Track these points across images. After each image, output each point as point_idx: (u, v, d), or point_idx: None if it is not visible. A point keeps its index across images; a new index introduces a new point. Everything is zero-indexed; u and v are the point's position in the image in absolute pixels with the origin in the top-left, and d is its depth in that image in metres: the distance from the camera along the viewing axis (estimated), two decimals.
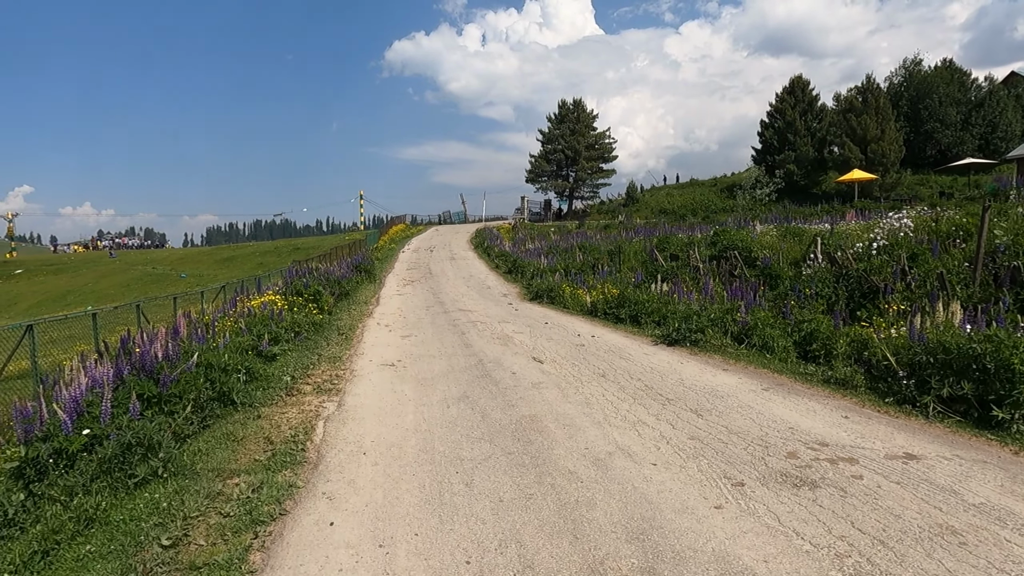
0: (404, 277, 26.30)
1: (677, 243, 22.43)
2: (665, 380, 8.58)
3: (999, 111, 47.74)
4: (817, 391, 7.97)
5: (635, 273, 19.17)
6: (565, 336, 12.24)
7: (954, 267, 11.48)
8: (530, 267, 24.22)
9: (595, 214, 53.90)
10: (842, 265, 13.27)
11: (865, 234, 14.92)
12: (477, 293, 20.62)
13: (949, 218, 12.88)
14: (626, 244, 26.33)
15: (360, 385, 8.80)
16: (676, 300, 13.71)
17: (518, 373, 9.18)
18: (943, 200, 32.26)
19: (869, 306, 11.79)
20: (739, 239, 18.05)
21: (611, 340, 11.69)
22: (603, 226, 42.30)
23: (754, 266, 16.71)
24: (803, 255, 16.01)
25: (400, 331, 13.35)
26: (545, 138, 56.76)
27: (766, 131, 51.76)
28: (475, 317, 15.13)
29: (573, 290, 17.56)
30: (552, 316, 15.19)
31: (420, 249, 39.54)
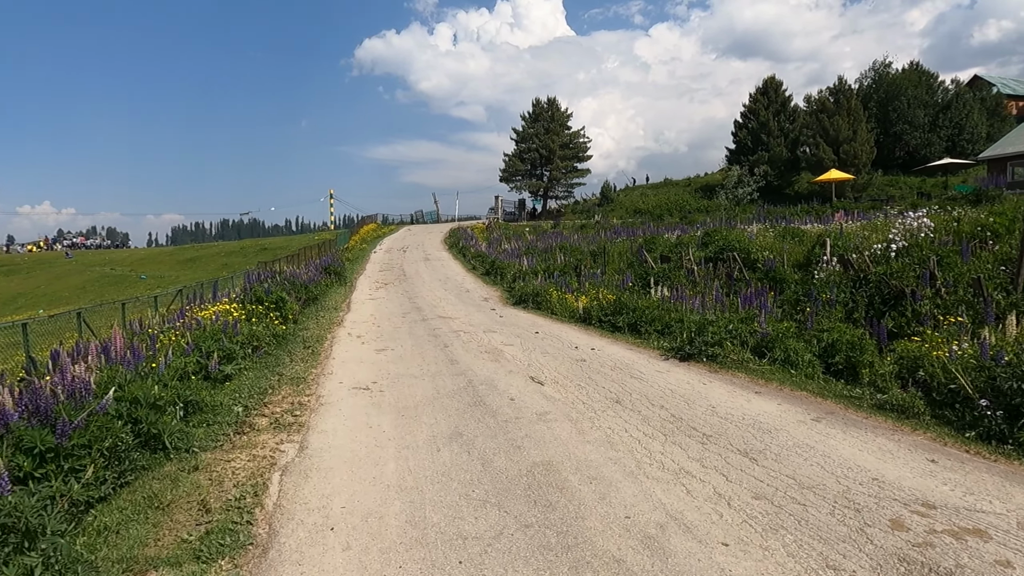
0: (377, 279, 24.52)
1: (665, 244, 21.12)
2: (693, 408, 7.12)
3: (965, 113, 47.71)
4: (876, 422, 6.59)
5: (623, 276, 17.79)
6: (561, 349, 10.73)
7: (987, 271, 10.29)
8: (510, 269, 22.67)
9: (570, 214, 52.57)
10: (858, 269, 12.02)
11: (874, 235, 13.74)
12: (456, 297, 19.01)
13: (972, 217, 11.76)
14: (609, 244, 24.97)
15: (328, 418, 7.15)
16: (680, 307, 12.32)
17: (517, 399, 7.62)
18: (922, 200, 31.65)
19: (895, 314, 10.54)
20: (735, 240, 16.78)
21: (614, 354, 10.22)
22: (579, 226, 40.97)
23: (754, 269, 15.44)
24: (807, 257, 14.78)
25: (374, 343, 11.68)
26: (519, 137, 55.25)
27: (740, 131, 51.04)
28: (457, 325, 13.53)
29: (561, 295, 16.08)
30: (542, 324, 13.67)
31: (393, 249, 37.69)
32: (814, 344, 9.81)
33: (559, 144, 53.33)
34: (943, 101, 48.87)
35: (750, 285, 12.88)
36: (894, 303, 10.97)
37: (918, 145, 47.89)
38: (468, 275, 25.51)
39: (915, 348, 7.85)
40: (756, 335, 9.86)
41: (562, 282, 19.10)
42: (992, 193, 25.50)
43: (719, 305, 11.66)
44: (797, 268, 14.48)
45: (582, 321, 13.62)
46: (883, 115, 48.67)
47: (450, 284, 22.56)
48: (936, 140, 47.52)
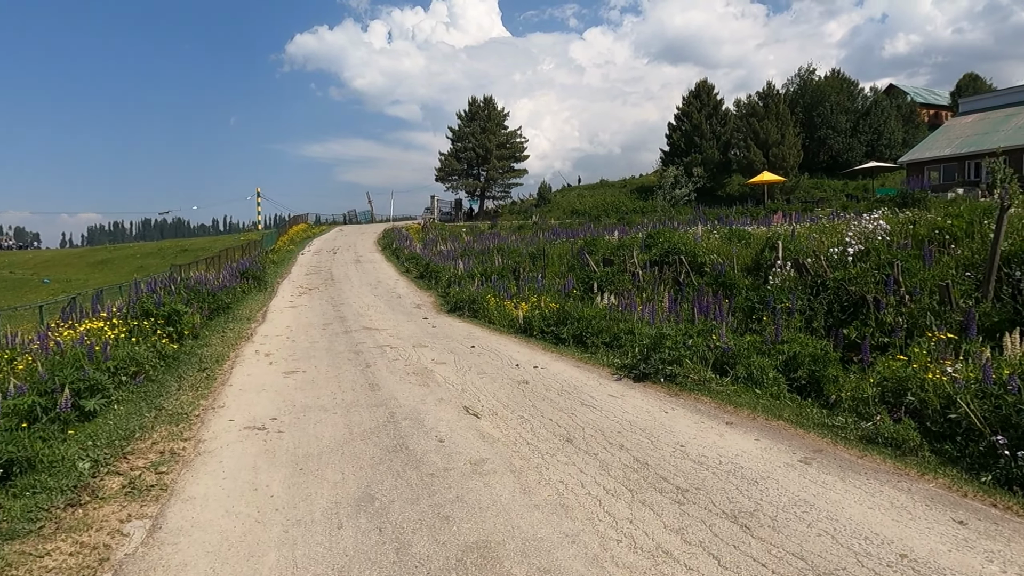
0: (301, 284, 22.51)
1: (607, 246, 20.05)
2: (659, 447, 5.86)
3: (883, 120, 49.28)
4: (873, 463, 5.49)
5: (564, 279, 16.60)
6: (500, 367, 9.34)
7: (951, 277, 9.54)
8: (445, 272, 21.15)
9: (507, 214, 51.37)
10: (814, 274, 11.15)
11: (827, 238, 12.98)
12: (386, 304, 17.34)
13: (929, 220, 11.09)
14: (549, 246, 23.78)
15: (203, 475, 5.49)
16: (629, 316, 11.14)
17: (448, 440, 6.17)
18: (850, 202, 31.97)
19: (857, 323, 9.64)
20: (681, 242, 15.81)
21: (560, 373, 8.91)
22: (517, 227, 39.78)
23: (702, 273, 14.49)
24: (755, 261, 13.92)
25: (284, 363, 9.97)
26: (455, 136, 53.62)
27: (674, 133, 51.12)
28: (384, 338, 11.94)
29: (499, 301, 14.70)
30: (478, 335, 12.25)
31: (322, 251, 35.44)
32: (776, 358, 8.81)
33: (496, 144, 52.04)
34: (863, 108, 50.35)
35: (701, 292, 11.85)
36: (854, 311, 10.11)
37: (841, 149, 49.14)
38: (401, 279, 23.82)
39: (900, 368, 6.86)
40: (716, 350, 8.75)
41: (500, 286, 17.76)
42: (917, 196, 25.78)
43: (672, 316, 10.53)
44: (747, 272, 13.59)
45: (522, 332, 12.27)
46: (808, 120, 49.70)
47: (380, 289, 20.84)
48: (857, 144, 48.86)
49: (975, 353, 6.63)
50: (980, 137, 37.67)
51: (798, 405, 7.72)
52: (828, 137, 49.31)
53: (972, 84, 54.31)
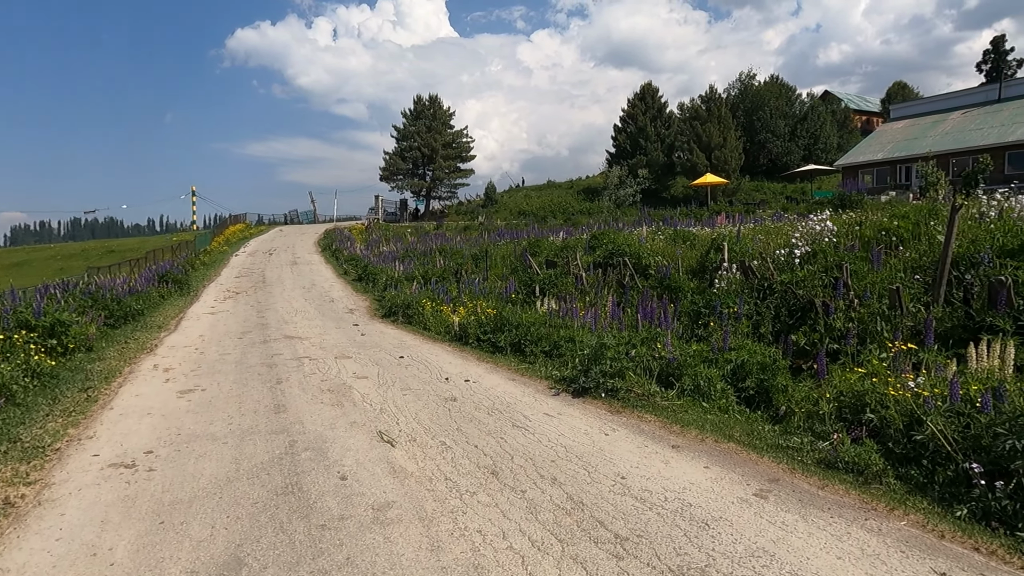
0: (229, 288, 20.96)
1: (551, 247, 19.31)
2: (597, 481, 5.04)
3: (820, 124, 50.46)
4: (836, 494, 4.80)
5: (507, 282, 15.77)
6: (428, 382, 8.39)
7: (900, 281, 9.11)
8: (383, 274, 20.02)
9: (453, 215, 50.30)
10: (761, 277, 10.61)
11: (772, 239, 12.52)
12: (316, 309, 16.12)
13: (875, 221, 10.71)
14: (493, 247, 22.92)
15: (30, 538, 4.35)
16: (570, 323, 10.36)
17: (352, 478, 5.18)
18: (791, 204, 32.28)
19: (806, 329, 9.10)
20: (625, 244, 15.17)
21: (493, 387, 8.02)
22: (463, 227, 38.83)
23: (646, 275, 13.88)
24: (701, 263, 13.38)
25: (183, 380, 8.75)
26: (400, 135, 52.19)
27: (619, 135, 51.07)
28: (305, 348, 10.81)
29: (436, 306, 13.72)
30: (410, 344, 11.25)
31: (258, 252, 33.63)
32: (724, 367, 8.17)
33: (442, 143, 50.89)
34: (800, 113, 51.43)
35: (646, 296, 11.18)
36: (802, 316, 9.58)
37: (780, 153, 50.05)
38: (338, 281, 22.53)
39: (857, 382, 6.25)
40: (661, 361, 8.03)
41: (440, 290, 16.83)
42: (854, 198, 26.07)
43: (615, 322, 9.78)
44: (692, 275, 13.03)
45: (458, 340, 11.34)
46: (749, 124, 50.44)
47: (314, 292, 19.54)
48: (795, 148, 49.86)
49: (935, 364, 6.07)
50: (910, 142, 38.79)
51: (748, 419, 7.07)
52: (768, 141, 50.16)
53: (901, 92, 56.28)
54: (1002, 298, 7.05)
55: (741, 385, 8.06)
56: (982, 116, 37.18)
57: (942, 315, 8.04)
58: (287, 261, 29.31)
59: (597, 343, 7.85)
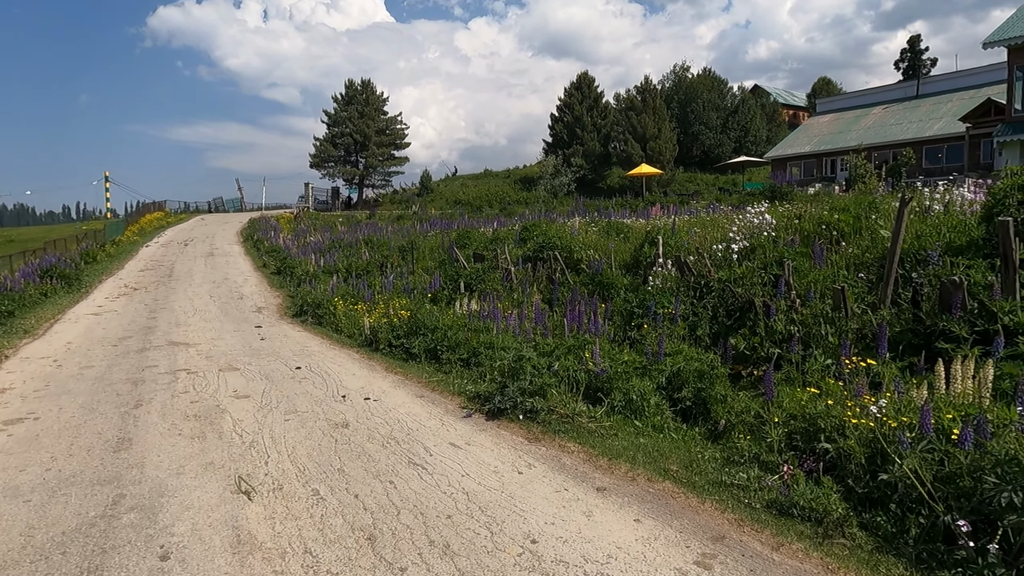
0: (128, 283, 18.82)
1: (480, 239, 18.12)
2: (500, 548, 3.90)
3: (750, 117, 51.03)
4: (795, 559, 3.82)
5: (432, 277, 14.53)
6: (322, 400, 7.07)
7: (843, 279, 8.38)
8: (300, 268, 18.37)
9: (388, 204, 48.38)
10: (697, 274, 9.74)
11: (709, 232, 11.70)
12: (220, 307, 14.41)
13: (814, 215, 10.02)
14: (421, 239, 21.54)
15: None
16: (491, 325, 9.20)
17: (175, 558, 3.84)
18: (724, 195, 32.15)
19: (745, 331, 8.26)
20: (556, 236, 14.13)
21: (397, 408, 6.79)
22: (396, 217, 37.11)
23: (578, 271, 12.88)
24: (635, 257, 12.48)
25: (17, 404, 7.11)
26: (331, 120, 49.66)
27: (556, 125, 50.23)
28: (187, 358, 9.27)
29: (349, 306, 12.32)
30: (314, 350, 9.86)
31: (172, 243, 31.04)
32: (658, 378, 7.22)
33: (375, 129, 48.74)
34: (732, 105, 51.88)
35: (575, 297, 10.15)
36: (741, 317, 8.75)
37: (712, 145, 50.37)
38: (254, 275, 20.67)
39: (808, 403, 5.34)
40: (589, 373, 6.98)
41: (361, 285, 15.43)
42: (784, 190, 25.99)
43: (539, 328, 8.66)
44: (626, 270, 12.11)
45: (368, 345, 10.02)
46: (683, 116, 50.51)
47: (223, 288, 17.70)
48: (726, 141, 50.28)
49: (894, 381, 5.23)
50: (835, 136, 39.50)
51: (685, 440, 6.14)
52: (701, 133, 50.39)
53: (825, 87, 57.68)
54: (957, 301, 6.29)
55: (677, 396, 7.15)
56: (901, 112, 38.17)
57: (890, 318, 7.29)
58: (203, 252, 27.02)
59: (515, 355, 6.72)
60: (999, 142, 24.97)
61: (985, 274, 6.75)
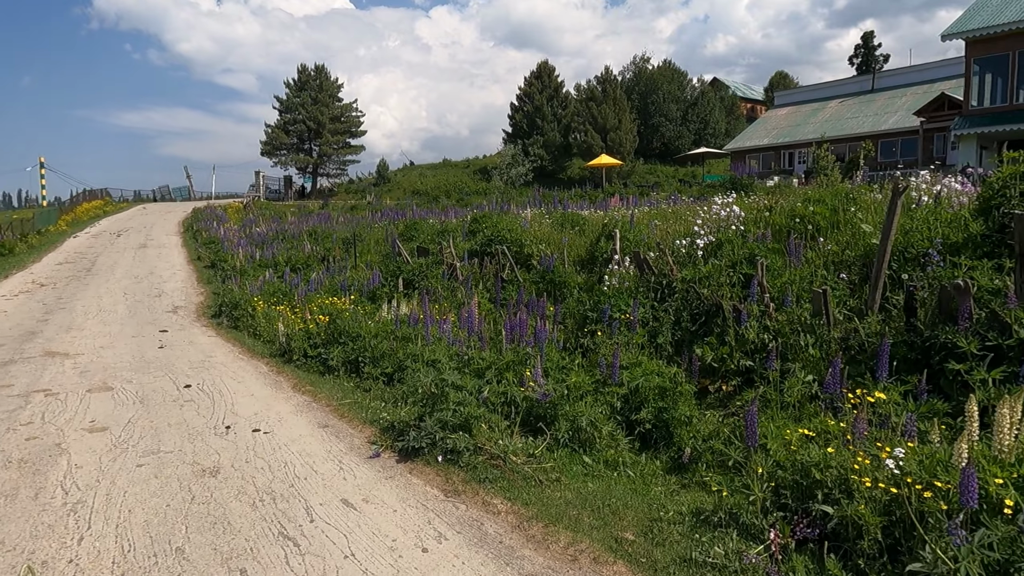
0: (38, 278, 16.77)
1: (428, 231, 16.67)
2: None
3: (709, 110, 50.44)
4: None
5: (372, 272, 13.05)
6: (199, 433, 5.59)
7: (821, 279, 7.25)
8: (230, 262, 16.63)
9: (343, 193, 46.26)
10: (658, 272, 8.51)
11: (670, 225, 10.50)
12: (129, 307, 12.65)
13: (787, 207, 8.91)
14: (366, 230, 19.94)
15: None
16: (423, 331, 7.79)
17: None
18: (684, 187, 31.28)
19: (713, 340, 7.07)
20: (505, 228, 12.77)
21: (291, 443, 5.36)
22: (350, 207, 35.20)
23: (529, 267, 11.58)
24: (591, 252, 11.22)
25: None
26: (283, 106, 47.15)
27: (516, 114, 48.77)
28: (55, 373, 7.63)
29: (271, 307, 10.75)
30: (217, 361, 8.31)
31: (105, 233, 28.63)
32: (612, 397, 5.98)
33: (329, 116, 46.47)
34: (691, 98, 51.21)
35: (521, 294, 8.82)
36: (707, 322, 7.56)
37: (671, 137, 49.64)
38: (184, 269, 18.76)
39: (799, 448, 4.12)
40: (532, 396, 5.66)
41: (295, 281, 13.89)
42: (745, 182, 25.17)
43: (474, 338, 7.27)
44: (581, 267, 10.85)
45: (282, 355, 8.52)
46: (643, 107, 49.59)
47: (144, 284, 15.85)
48: (686, 133, 49.61)
49: (907, 417, 4.05)
50: (793, 129, 39.05)
51: (644, 478, 4.98)
52: (660, 125, 49.58)
53: (782, 81, 57.57)
54: (964, 310, 5.14)
55: (635, 417, 5.93)
56: (857, 105, 37.90)
57: (879, 327, 6.16)
58: (135, 244, 24.83)
59: (435, 378, 5.34)
60: (956, 135, 24.58)
61: (991, 277, 5.64)
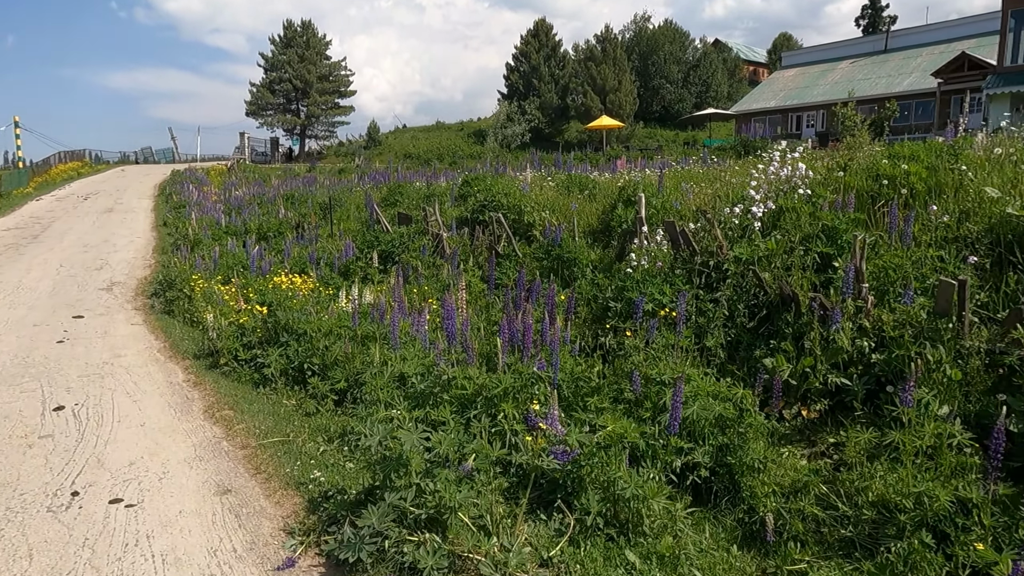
0: None
1: (413, 196, 14.37)
2: None
3: (712, 72, 47.49)
4: None
5: (345, 243, 10.87)
6: (23, 507, 3.48)
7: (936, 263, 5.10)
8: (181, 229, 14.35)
9: (332, 156, 43.48)
10: (701, 249, 6.31)
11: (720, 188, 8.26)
12: (54, 284, 10.42)
13: (865, 166, 6.72)
14: (347, 193, 17.60)
15: None
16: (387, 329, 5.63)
17: None
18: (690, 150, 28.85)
19: (787, 345, 4.92)
20: (501, 192, 10.48)
21: (159, 529, 3.23)
22: (338, 170, 32.60)
23: (529, 239, 9.38)
24: (604, 221, 8.99)
25: None
26: (269, 64, 43.89)
27: (512, 74, 45.73)
28: None
29: (212, 285, 8.53)
30: (123, 365, 6.15)
31: (71, 196, 26.08)
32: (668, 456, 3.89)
33: (316, 75, 43.31)
34: (694, 59, 48.20)
35: (522, 275, 6.64)
36: (770, 318, 5.42)
37: (672, 99, 46.82)
38: (144, 236, 16.44)
39: None
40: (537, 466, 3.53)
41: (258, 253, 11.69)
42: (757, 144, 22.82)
43: (457, 347, 5.07)
44: (592, 240, 8.65)
45: (209, 355, 6.37)
46: (643, 69, 46.60)
47: (90, 254, 13.59)
48: (687, 95, 46.78)
49: None
50: (801, 91, 36.42)
51: None
52: (661, 87, 46.67)
53: (786, 43, 54.45)
54: None
55: (687, 459, 3.87)
56: (870, 66, 35.23)
57: None
58: (101, 208, 22.37)
59: (384, 435, 3.19)
60: (988, 94, 22.20)
61: None
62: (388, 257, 10.01)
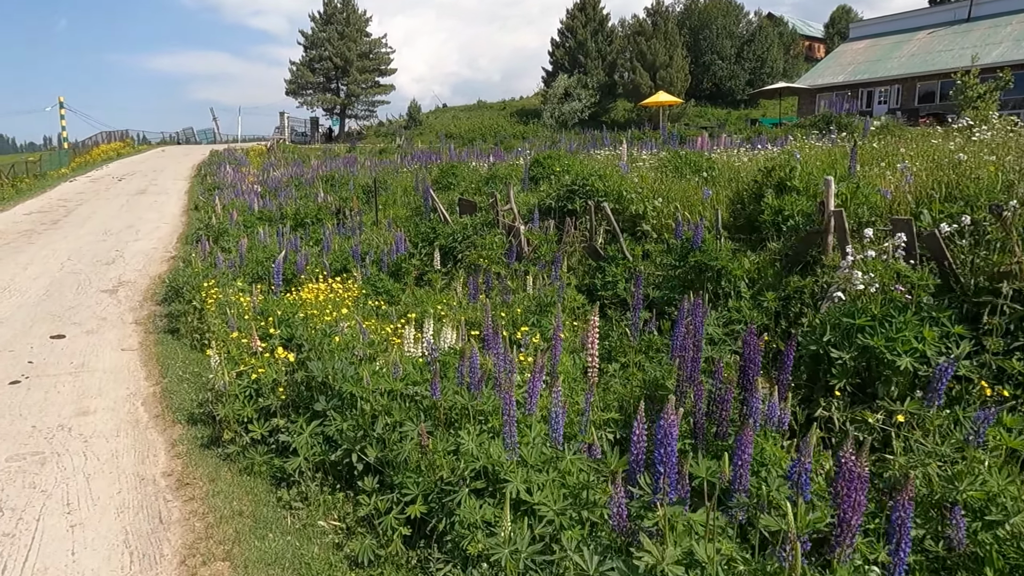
0: None
1: (469, 178, 11.99)
2: None
3: (767, 47, 43.57)
4: None
5: (395, 235, 8.65)
6: None
7: None
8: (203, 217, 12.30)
9: (372, 137, 41.32)
10: (979, 271, 3.79)
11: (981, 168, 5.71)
12: (50, 284, 8.43)
13: None
14: (392, 175, 15.36)
15: None
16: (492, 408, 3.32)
17: None
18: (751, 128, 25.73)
19: None
20: (591, 175, 7.97)
21: None
22: (379, 151, 30.39)
23: (636, 235, 6.93)
24: (745, 217, 6.47)
25: None
26: (308, 42, 41.72)
27: (557, 51, 42.66)
28: None
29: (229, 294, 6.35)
30: (76, 437, 4.01)
31: (106, 177, 24.50)
32: None
33: (357, 53, 40.99)
34: (747, 33, 44.33)
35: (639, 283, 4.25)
36: None
37: (724, 76, 43.15)
38: (172, 222, 14.52)
39: None
40: None
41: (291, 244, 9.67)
42: (844, 120, 19.72)
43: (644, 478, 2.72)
44: (738, 238, 6.15)
45: (212, 420, 4.17)
46: (694, 44, 42.94)
47: (107, 243, 11.67)
48: (740, 72, 43.06)
49: None
50: (872, 64, 32.65)
51: None
52: (712, 63, 43.01)
53: (845, 16, 49.95)
54: None
55: None
56: (950, 36, 31.25)
57: None
58: (133, 190, 20.63)
59: None
60: None
61: None
62: (448, 254, 7.75)
